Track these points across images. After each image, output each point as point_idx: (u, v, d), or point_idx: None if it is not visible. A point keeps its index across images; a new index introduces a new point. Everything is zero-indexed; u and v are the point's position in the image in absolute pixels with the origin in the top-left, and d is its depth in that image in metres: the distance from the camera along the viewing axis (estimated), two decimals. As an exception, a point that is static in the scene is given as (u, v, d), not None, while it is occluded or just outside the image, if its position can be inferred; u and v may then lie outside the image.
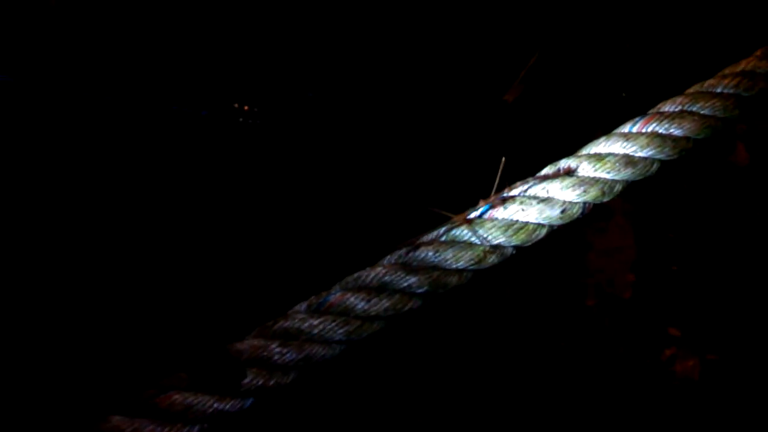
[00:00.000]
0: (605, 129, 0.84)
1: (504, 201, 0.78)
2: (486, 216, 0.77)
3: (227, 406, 0.72)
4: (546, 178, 0.78)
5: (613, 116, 0.89)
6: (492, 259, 0.76)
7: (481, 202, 0.78)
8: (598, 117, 1.31)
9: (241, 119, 1.11)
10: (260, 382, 0.72)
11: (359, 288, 0.76)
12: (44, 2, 1.01)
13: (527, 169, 0.84)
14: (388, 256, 0.78)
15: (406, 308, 0.75)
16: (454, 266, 0.76)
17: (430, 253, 0.76)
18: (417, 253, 0.76)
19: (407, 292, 0.75)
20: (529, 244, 0.78)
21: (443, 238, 0.77)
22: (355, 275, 0.76)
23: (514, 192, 0.78)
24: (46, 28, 1.02)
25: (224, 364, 0.72)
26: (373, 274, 0.76)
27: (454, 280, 0.76)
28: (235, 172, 1.13)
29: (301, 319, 0.74)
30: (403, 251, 0.76)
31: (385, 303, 0.75)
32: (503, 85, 1.37)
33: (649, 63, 1.26)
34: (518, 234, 0.77)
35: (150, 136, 1.10)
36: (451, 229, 0.76)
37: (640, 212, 1.50)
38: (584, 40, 1.32)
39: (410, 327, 0.84)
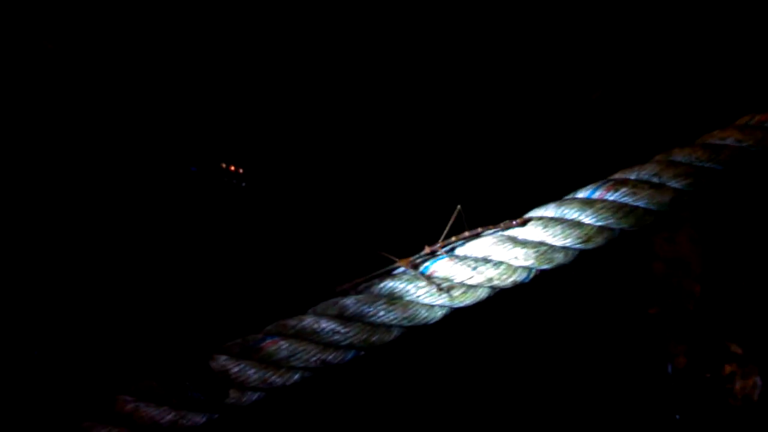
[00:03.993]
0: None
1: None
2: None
3: (329, 357, 0.74)
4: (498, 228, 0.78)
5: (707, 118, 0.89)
6: (599, 239, 0.77)
7: (426, 249, 0.77)
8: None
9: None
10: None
11: (464, 256, 0.77)
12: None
13: (607, 170, 0.84)
14: (493, 229, 0.79)
15: (510, 280, 0.76)
16: (561, 243, 0.76)
17: (539, 228, 0.76)
18: (525, 227, 0.77)
19: (512, 264, 0.76)
20: (636, 228, 0.78)
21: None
22: (461, 242, 0.77)
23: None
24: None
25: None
26: (480, 242, 0.76)
27: (560, 257, 0.76)
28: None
29: (407, 279, 0.75)
30: (513, 222, 0.77)
31: (491, 272, 0.75)
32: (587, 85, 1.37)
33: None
34: (627, 218, 0.77)
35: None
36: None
37: (712, 223, 1.48)
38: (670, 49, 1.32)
39: (472, 323, 0.85)
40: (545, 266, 0.76)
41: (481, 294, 0.76)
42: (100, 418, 0.70)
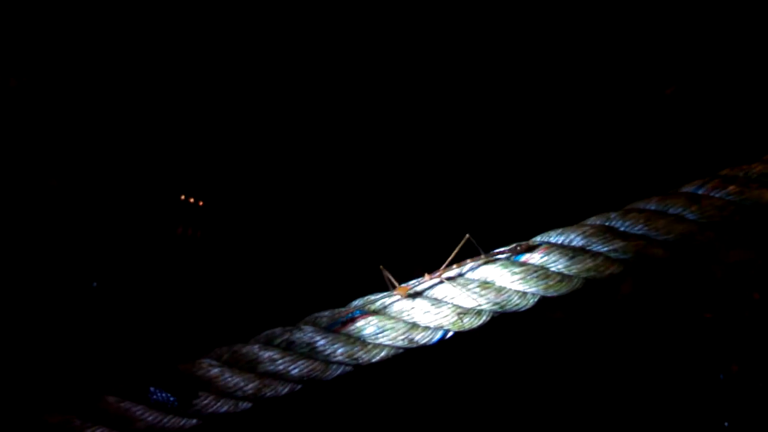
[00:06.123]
0: None
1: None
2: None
3: (417, 336, 0.72)
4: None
5: None
6: (702, 238, 0.74)
7: (426, 276, 0.74)
8: None
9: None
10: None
11: (562, 245, 0.74)
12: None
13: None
14: (594, 217, 0.76)
15: (608, 272, 0.74)
16: (662, 239, 0.74)
17: (641, 222, 0.74)
18: (625, 220, 0.75)
19: (610, 256, 0.74)
20: (737, 227, 0.75)
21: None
22: (561, 230, 0.75)
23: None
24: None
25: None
26: (579, 232, 0.74)
27: (659, 252, 0.74)
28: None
29: (502, 264, 0.74)
30: (612, 214, 0.75)
31: (588, 263, 0.73)
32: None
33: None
34: (731, 217, 0.74)
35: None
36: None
37: (776, 232, 1.44)
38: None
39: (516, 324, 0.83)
40: (642, 261, 0.74)
41: (576, 284, 0.74)
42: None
